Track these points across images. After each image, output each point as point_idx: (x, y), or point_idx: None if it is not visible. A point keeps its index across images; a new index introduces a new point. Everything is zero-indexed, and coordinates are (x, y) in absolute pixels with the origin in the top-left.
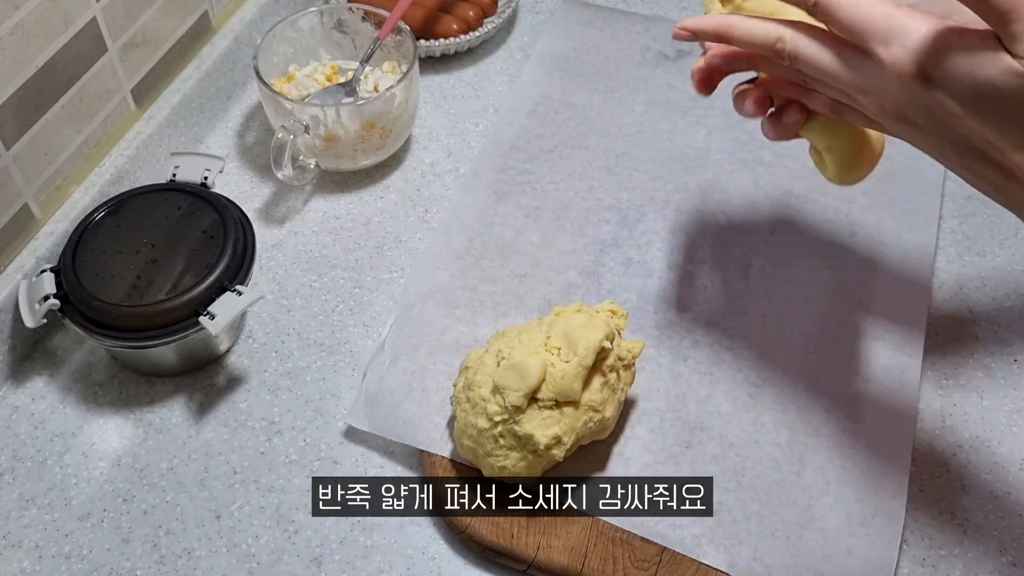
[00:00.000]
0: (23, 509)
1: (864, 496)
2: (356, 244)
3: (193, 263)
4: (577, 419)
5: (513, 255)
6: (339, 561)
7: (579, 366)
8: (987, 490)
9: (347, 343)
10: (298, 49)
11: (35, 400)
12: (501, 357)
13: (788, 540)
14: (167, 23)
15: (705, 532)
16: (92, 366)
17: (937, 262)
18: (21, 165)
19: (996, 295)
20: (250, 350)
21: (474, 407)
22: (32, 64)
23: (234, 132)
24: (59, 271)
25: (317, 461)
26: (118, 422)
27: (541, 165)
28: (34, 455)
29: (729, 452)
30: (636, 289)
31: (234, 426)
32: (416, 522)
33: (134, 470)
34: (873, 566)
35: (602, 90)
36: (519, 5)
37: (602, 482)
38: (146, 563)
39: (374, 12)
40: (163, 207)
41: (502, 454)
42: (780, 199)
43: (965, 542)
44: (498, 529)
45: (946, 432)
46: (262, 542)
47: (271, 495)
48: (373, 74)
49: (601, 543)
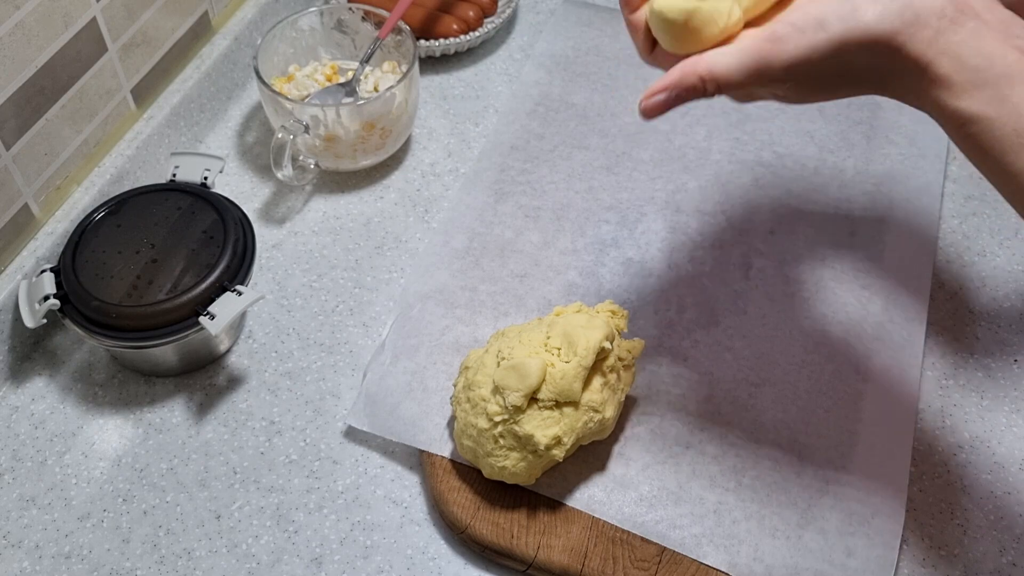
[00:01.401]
0: (23, 509)
1: (864, 496)
2: (356, 244)
3: (193, 263)
4: (577, 419)
5: (513, 255)
6: (339, 561)
7: (579, 366)
8: (987, 490)
9: (347, 343)
10: (298, 49)
11: (35, 400)
12: (501, 357)
13: (788, 540)
14: (167, 23)
15: (705, 532)
16: (92, 366)
17: (937, 262)
18: (21, 165)
19: (996, 295)
20: (250, 350)
21: (474, 407)
22: (32, 64)
23: (234, 132)
24: (59, 271)
25: (317, 461)
26: (118, 422)
27: (541, 165)
28: (34, 455)
29: (729, 452)
30: (636, 289)
31: (234, 426)
32: (416, 522)
33: (134, 470)
34: (873, 566)
35: (602, 90)
36: (519, 5)
37: (602, 482)
38: (146, 563)
39: (374, 12)
40: (163, 207)
41: (502, 454)
42: (780, 199)
43: (965, 542)
44: (498, 529)
45: (946, 432)
46: (262, 542)
47: (271, 495)
48: (373, 74)
49: (601, 543)
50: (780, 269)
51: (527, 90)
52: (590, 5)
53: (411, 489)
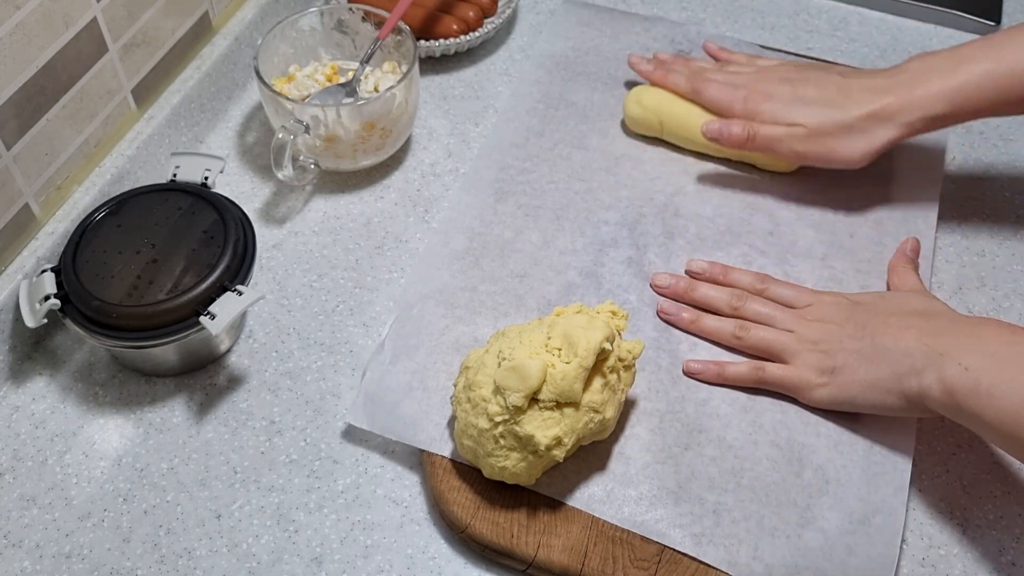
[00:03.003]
0: (24, 509)
1: (864, 495)
2: (356, 244)
3: (193, 263)
4: (578, 420)
5: (513, 255)
6: (339, 561)
7: (579, 367)
8: (987, 490)
9: (347, 343)
10: (298, 49)
11: (36, 400)
12: (502, 358)
13: (788, 540)
14: (167, 23)
15: (705, 531)
16: (92, 366)
17: (937, 262)
18: (22, 165)
19: (996, 295)
20: (250, 350)
21: (475, 407)
22: (33, 64)
23: (234, 132)
24: (60, 271)
25: (317, 461)
26: (118, 422)
27: (541, 165)
28: (35, 455)
29: (728, 453)
30: (636, 289)
31: (234, 426)
32: (416, 522)
33: (134, 470)
34: (873, 565)
35: (602, 90)
36: (519, 5)
37: (602, 481)
38: (146, 563)
39: (374, 12)
40: (164, 207)
41: (503, 454)
42: (779, 199)
43: (965, 542)
44: (498, 529)
45: (946, 432)
46: (262, 542)
47: (271, 495)
48: (373, 74)
49: (601, 542)
50: (780, 269)
51: (527, 89)
52: (590, 5)
53: (411, 489)
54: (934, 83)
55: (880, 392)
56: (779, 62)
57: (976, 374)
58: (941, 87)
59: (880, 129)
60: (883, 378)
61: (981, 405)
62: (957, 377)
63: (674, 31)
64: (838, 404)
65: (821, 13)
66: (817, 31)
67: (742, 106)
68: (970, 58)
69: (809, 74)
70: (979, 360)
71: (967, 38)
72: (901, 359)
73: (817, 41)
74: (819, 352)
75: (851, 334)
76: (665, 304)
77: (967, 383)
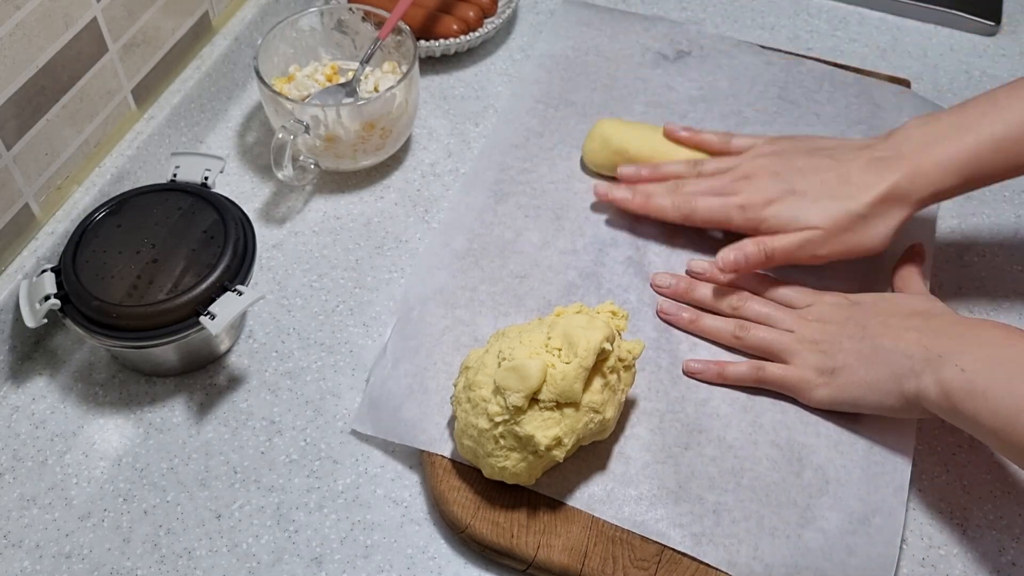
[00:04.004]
0: (24, 509)
1: (864, 495)
2: (356, 244)
3: (193, 263)
4: (578, 420)
5: (513, 255)
6: (339, 561)
7: (579, 367)
8: (987, 490)
9: (347, 343)
10: (298, 49)
11: (36, 400)
12: (502, 358)
13: (788, 540)
14: (167, 23)
15: (705, 531)
16: (92, 366)
17: (937, 262)
18: (22, 165)
19: (996, 295)
20: (250, 350)
21: (475, 407)
22: (33, 64)
23: (234, 132)
24: (60, 271)
25: (317, 461)
26: (119, 422)
27: (541, 164)
28: (35, 455)
29: (728, 453)
30: (636, 289)
31: (234, 426)
32: (416, 522)
33: (135, 470)
34: (873, 565)
35: (602, 90)
36: (519, 5)
37: (602, 481)
38: (146, 563)
39: (374, 12)
40: (164, 207)
41: (503, 455)
42: None
43: (965, 542)
44: (498, 529)
45: (946, 432)
46: (262, 542)
47: (271, 495)
48: (373, 74)
49: (601, 542)
50: (779, 269)
51: (527, 89)
52: (590, 5)
53: (411, 489)
54: (941, 153)
55: (879, 393)
56: (751, 141)
57: (972, 376)
58: (950, 158)
59: (894, 210)
60: (882, 379)
61: (977, 407)
62: (954, 379)
63: (674, 31)
64: (838, 404)
65: (821, 13)
66: (817, 31)
67: (741, 217)
68: (975, 123)
69: (796, 161)
70: (976, 362)
71: (967, 38)
72: (900, 360)
73: (817, 41)
74: (819, 352)
75: (851, 335)
76: (665, 304)
77: (963, 385)
